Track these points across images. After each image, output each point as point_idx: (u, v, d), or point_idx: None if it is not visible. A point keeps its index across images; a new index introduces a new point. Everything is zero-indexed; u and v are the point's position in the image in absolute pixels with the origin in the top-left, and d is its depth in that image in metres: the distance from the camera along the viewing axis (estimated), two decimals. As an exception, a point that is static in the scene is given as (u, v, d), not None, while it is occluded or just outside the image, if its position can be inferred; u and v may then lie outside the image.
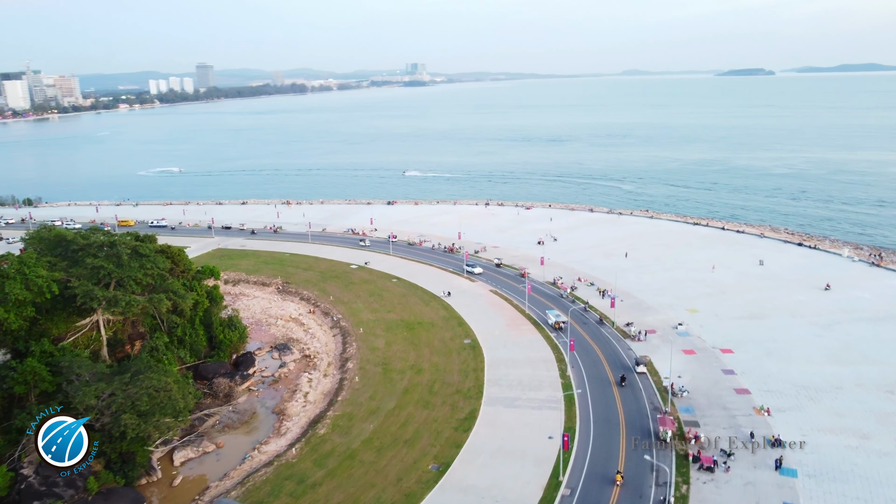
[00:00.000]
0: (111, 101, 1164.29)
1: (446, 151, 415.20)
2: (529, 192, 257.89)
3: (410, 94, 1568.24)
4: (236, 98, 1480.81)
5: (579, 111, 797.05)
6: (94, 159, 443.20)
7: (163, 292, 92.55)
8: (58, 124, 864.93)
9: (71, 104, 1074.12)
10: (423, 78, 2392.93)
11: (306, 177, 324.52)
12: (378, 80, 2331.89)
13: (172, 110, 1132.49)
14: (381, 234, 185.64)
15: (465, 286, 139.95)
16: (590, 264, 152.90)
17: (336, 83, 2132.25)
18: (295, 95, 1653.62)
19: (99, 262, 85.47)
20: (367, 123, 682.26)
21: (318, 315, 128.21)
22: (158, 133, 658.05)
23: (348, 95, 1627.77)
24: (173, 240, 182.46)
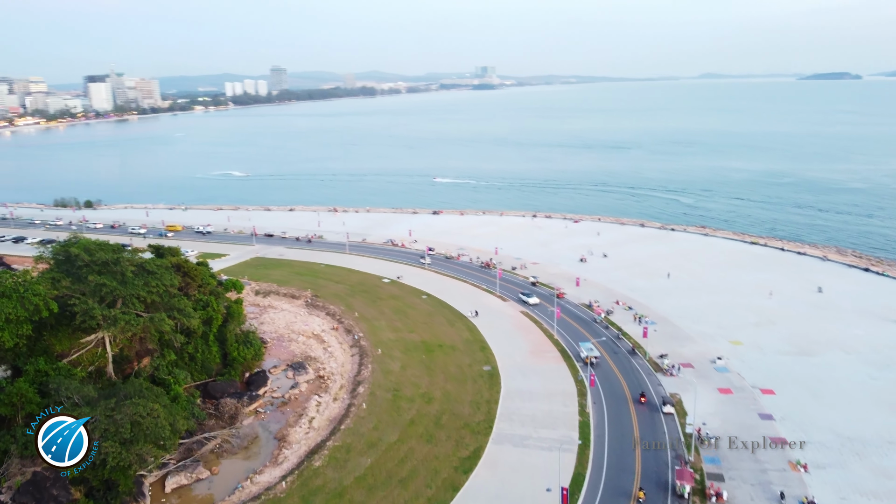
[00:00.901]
0: (187, 104, 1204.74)
1: (501, 158, 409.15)
2: (580, 204, 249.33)
3: (478, 98, 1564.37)
4: (307, 100, 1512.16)
5: (647, 116, 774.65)
6: (160, 161, 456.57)
7: (168, 310, 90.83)
8: (136, 125, 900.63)
9: (150, 106, 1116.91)
10: (492, 81, 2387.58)
11: (359, 182, 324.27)
12: (447, 83, 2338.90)
13: (245, 112, 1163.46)
14: (421, 246, 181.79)
15: (495, 305, 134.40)
16: (630, 285, 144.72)
17: (405, 86, 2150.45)
18: (364, 98, 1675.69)
19: (102, 280, 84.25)
20: (427, 127, 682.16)
21: (340, 332, 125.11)
22: (225, 135, 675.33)
23: (416, 98, 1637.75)
24: (215, 247, 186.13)
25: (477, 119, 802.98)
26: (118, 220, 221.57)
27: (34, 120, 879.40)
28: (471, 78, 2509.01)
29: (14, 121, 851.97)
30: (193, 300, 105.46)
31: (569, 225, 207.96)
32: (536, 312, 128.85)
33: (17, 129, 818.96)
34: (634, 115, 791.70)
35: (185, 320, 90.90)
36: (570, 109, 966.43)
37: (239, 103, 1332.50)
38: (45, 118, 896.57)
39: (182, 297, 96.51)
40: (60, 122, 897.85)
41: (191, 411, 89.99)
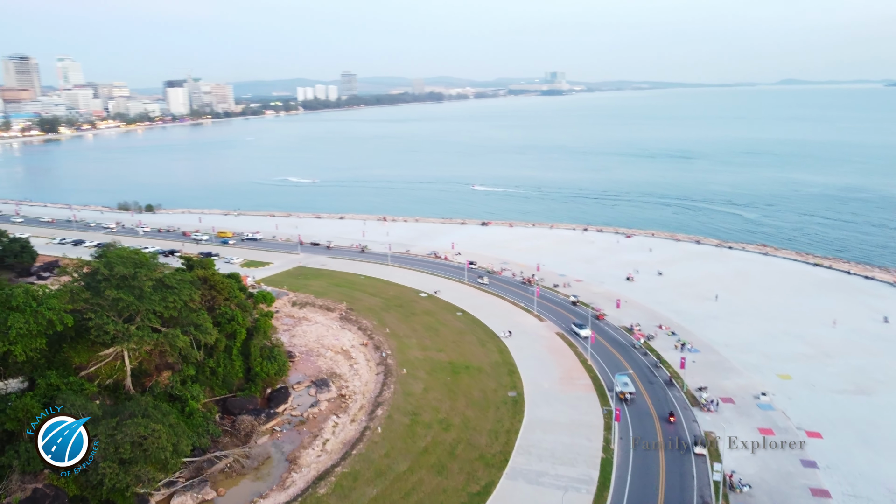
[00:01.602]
0: (259, 108, 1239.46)
1: (560, 167, 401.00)
2: (635, 217, 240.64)
3: (545, 104, 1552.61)
4: (375, 105, 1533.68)
5: (719, 124, 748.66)
6: (224, 165, 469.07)
7: (185, 326, 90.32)
8: (209, 129, 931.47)
9: (223, 110, 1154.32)
10: (562, 87, 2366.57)
11: (412, 190, 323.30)
12: (515, 89, 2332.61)
13: (313, 117, 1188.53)
14: (464, 259, 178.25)
15: (530, 325, 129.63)
16: (676, 308, 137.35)
17: (473, 91, 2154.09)
18: (431, 103, 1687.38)
19: (119, 295, 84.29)
20: (490, 134, 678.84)
21: (369, 348, 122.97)
22: (290, 140, 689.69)
23: (483, 104, 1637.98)
24: (261, 254, 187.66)
25: (541, 126, 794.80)
26: (173, 225, 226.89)
27: (115, 123, 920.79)
28: (540, 83, 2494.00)
29: (96, 124, 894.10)
30: (218, 314, 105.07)
31: (620, 240, 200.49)
32: (578, 339, 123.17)
33: (99, 132, 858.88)
34: (705, 124, 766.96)
35: (201, 336, 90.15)
36: (639, 117, 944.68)
37: (309, 108, 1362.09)
38: (125, 121, 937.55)
39: (203, 311, 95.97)
40: (139, 125, 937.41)
41: (205, 428, 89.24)
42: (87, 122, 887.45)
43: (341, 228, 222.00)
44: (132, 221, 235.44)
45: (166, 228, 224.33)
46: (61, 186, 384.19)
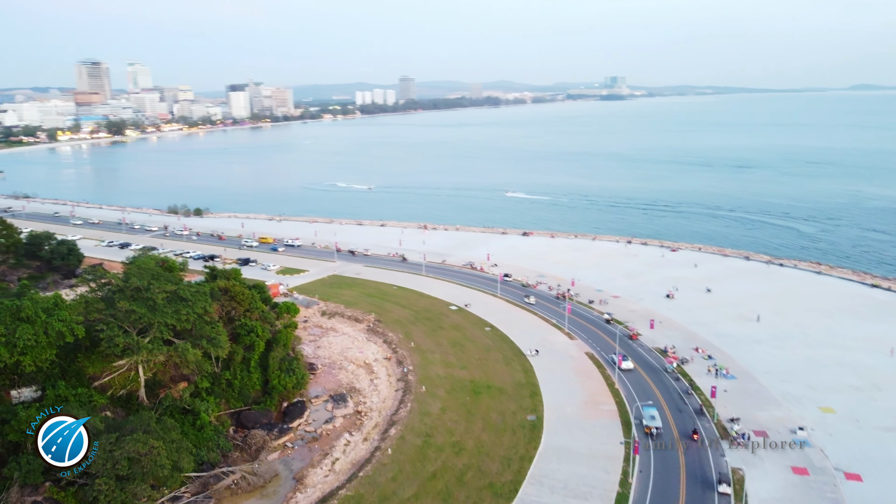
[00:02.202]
0: (317, 112, 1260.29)
1: (610, 174, 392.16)
2: (684, 230, 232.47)
3: (603, 109, 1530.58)
4: (432, 110, 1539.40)
5: (783, 131, 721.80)
6: (277, 169, 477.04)
7: (198, 338, 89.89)
8: (267, 132, 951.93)
9: (283, 114, 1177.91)
10: (622, 91, 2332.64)
11: (456, 198, 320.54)
12: (574, 94, 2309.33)
13: (369, 121, 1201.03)
14: (500, 271, 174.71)
15: (560, 344, 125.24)
16: (716, 329, 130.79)
17: (531, 96, 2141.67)
18: (488, 108, 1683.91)
19: (132, 307, 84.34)
20: (544, 140, 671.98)
21: (392, 363, 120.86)
22: (345, 144, 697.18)
23: (540, 109, 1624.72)
24: (298, 261, 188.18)
25: (597, 132, 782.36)
26: (217, 229, 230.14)
27: (178, 126, 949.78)
28: (599, 88, 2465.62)
29: (160, 126, 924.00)
30: (237, 325, 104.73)
31: (665, 254, 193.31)
32: (603, 355, 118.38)
33: (163, 135, 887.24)
34: (768, 131, 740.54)
35: (213, 349, 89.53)
36: (699, 123, 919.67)
37: (366, 112, 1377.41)
38: (188, 124, 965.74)
39: (218, 324, 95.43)
40: (201, 128, 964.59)
41: (215, 442, 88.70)
42: (151, 125, 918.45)
43: (381, 236, 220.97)
44: (178, 225, 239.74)
45: (209, 233, 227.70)
46: (119, 188, 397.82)
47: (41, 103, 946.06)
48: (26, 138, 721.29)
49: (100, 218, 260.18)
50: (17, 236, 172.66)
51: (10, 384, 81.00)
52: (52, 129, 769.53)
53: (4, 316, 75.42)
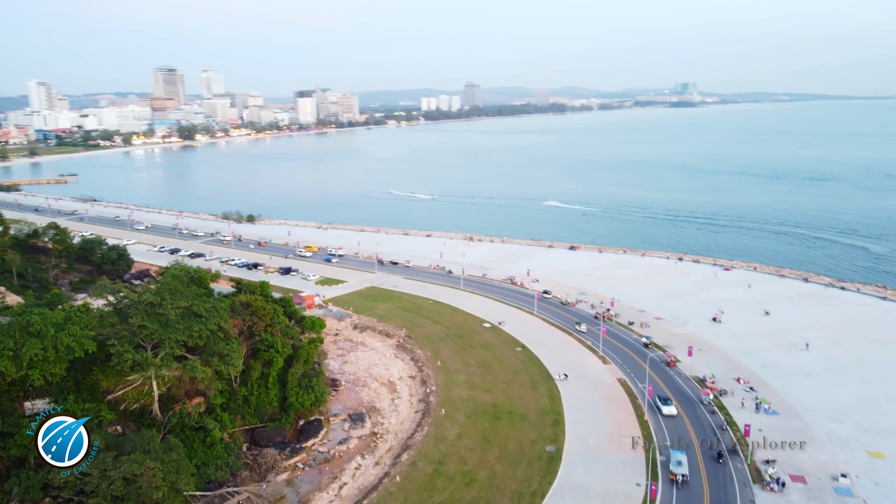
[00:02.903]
0: (382, 118, 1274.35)
1: (672, 186, 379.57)
2: (741, 246, 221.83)
3: (672, 116, 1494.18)
4: (496, 116, 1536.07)
5: (863, 142, 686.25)
6: (335, 175, 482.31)
7: (212, 355, 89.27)
8: (332, 138, 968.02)
9: (348, 120, 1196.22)
10: (693, 98, 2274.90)
11: (509, 208, 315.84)
12: (642, 101, 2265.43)
13: (433, 128, 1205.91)
14: (541, 287, 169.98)
15: (591, 368, 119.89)
16: (762, 358, 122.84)
17: (597, 103, 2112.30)
18: (553, 115, 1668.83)
19: (143, 322, 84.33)
20: (606, 149, 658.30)
21: (416, 382, 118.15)
22: (405, 150, 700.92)
23: (607, 116, 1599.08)
24: (338, 271, 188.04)
25: (663, 140, 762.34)
26: (264, 237, 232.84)
27: (246, 131, 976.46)
28: (669, 95, 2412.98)
29: (229, 132, 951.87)
30: (257, 340, 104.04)
31: (718, 273, 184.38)
32: (636, 383, 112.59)
33: (231, 139, 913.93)
34: (848, 141, 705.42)
35: (223, 367, 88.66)
36: (773, 132, 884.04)
37: (430, 118, 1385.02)
38: (256, 130, 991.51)
39: (233, 340, 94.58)
40: (268, 133, 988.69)
41: (224, 460, 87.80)
42: (221, 130, 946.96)
43: (425, 247, 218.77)
44: (227, 231, 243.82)
45: (258, 240, 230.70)
46: (181, 192, 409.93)
47: (120, 108, 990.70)
48: (103, 142, 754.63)
49: (156, 222, 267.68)
50: (69, 241, 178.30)
51: (25, 396, 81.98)
52: (127, 134, 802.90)
53: (14, 330, 76.21)
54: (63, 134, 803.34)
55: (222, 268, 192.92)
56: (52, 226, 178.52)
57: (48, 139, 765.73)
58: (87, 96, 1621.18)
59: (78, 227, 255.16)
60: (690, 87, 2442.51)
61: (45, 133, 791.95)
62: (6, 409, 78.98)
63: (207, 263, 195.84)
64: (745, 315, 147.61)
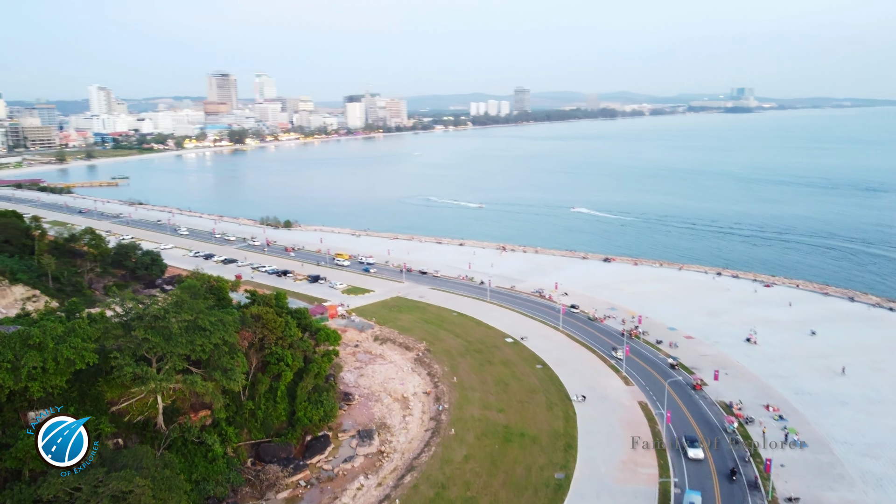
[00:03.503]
0: (429, 123, 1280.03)
1: (718, 196, 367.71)
2: (785, 261, 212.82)
3: (727, 122, 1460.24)
4: (544, 122, 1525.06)
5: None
6: (377, 180, 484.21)
7: (215, 369, 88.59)
8: (379, 143, 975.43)
9: (396, 124, 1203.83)
10: (749, 104, 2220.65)
11: (546, 217, 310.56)
12: (696, 106, 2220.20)
13: (480, 133, 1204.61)
14: (570, 300, 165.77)
15: (612, 389, 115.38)
16: (796, 384, 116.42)
17: (649, 108, 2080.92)
18: (603, 120, 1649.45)
19: (146, 335, 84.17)
20: (652, 155, 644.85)
21: (430, 398, 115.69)
22: (449, 156, 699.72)
23: (658, 122, 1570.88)
24: (366, 280, 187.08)
25: (713, 148, 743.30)
26: (297, 244, 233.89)
27: (295, 136, 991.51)
28: (724, 100, 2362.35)
29: (278, 136, 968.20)
30: (267, 353, 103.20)
31: (758, 289, 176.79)
32: (658, 407, 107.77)
33: (280, 144, 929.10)
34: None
35: (225, 382, 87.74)
36: (832, 139, 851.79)
37: (477, 123, 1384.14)
38: (304, 134, 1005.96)
39: (238, 354, 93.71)
40: (316, 137, 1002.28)
41: (226, 476, 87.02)
42: (270, 134, 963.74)
43: (457, 256, 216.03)
44: (263, 237, 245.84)
45: (285, 246, 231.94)
46: (224, 196, 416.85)
47: (174, 112, 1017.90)
48: (157, 146, 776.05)
49: (196, 226, 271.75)
50: (104, 246, 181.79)
51: (28, 406, 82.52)
52: (180, 137, 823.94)
53: (14, 342, 76.70)
54: (120, 137, 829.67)
55: (252, 274, 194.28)
56: (88, 230, 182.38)
57: (105, 142, 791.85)
58: (147, 100, 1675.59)
59: (121, 230, 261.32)
60: (747, 91, 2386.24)
61: (103, 136, 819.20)
62: (8, 420, 79.59)
63: (239, 269, 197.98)
64: (783, 336, 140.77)
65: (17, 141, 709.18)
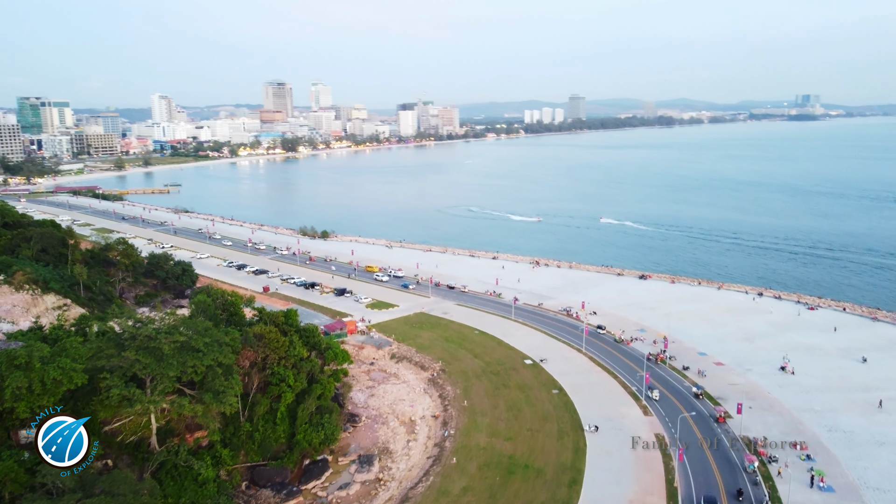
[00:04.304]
0: (481, 131, 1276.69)
1: (774, 209, 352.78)
2: (834, 282, 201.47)
3: (791, 131, 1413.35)
4: (598, 130, 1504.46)
5: None
6: (422, 190, 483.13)
7: (207, 391, 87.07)
8: (430, 151, 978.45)
9: (448, 133, 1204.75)
10: (815, 111, 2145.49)
11: (587, 230, 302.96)
12: (758, 114, 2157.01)
13: (533, 141, 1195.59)
14: (598, 320, 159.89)
15: (629, 419, 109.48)
16: (831, 420, 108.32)
17: (708, 115, 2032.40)
18: (660, 128, 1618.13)
19: (137, 356, 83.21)
20: (707, 166, 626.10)
21: (438, 422, 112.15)
22: (499, 165, 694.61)
23: (717, 130, 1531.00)
24: (392, 294, 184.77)
25: (773, 157, 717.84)
26: (329, 255, 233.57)
27: (347, 143, 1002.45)
28: (788, 107, 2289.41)
29: (331, 144, 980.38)
30: (268, 374, 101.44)
31: (801, 312, 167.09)
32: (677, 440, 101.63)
33: (332, 152, 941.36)
34: None
35: (215, 405, 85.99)
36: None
37: (530, 131, 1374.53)
38: (356, 142, 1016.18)
39: (234, 376, 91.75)
40: (368, 145, 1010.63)
41: (215, 500, 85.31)
42: (322, 142, 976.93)
43: (488, 270, 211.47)
44: (300, 246, 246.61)
45: (317, 256, 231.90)
46: (269, 204, 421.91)
47: (231, 121, 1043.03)
48: (212, 153, 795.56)
49: (235, 235, 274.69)
50: (136, 256, 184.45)
51: (20, 425, 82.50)
52: (235, 145, 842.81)
53: (0, 363, 76.57)
54: (178, 145, 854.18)
55: (282, 286, 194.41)
56: (121, 241, 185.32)
57: (164, 149, 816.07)
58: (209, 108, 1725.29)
59: (163, 238, 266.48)
60: (812, 98, 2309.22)
61: (162, 144, 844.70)
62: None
63: (269, 280, 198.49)
64: (823, 365, 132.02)
65: (81, 148, 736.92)
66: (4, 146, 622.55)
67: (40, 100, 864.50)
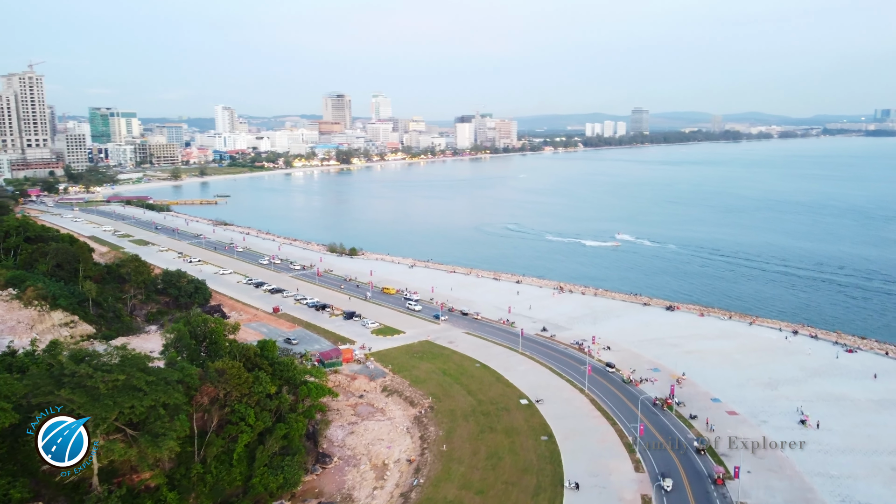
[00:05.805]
0: (538, 144, 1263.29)
1: (833, 236, 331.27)
2: (883, 320, 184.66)
3: (868, 147, 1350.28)
4: (661, 144, 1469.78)
5: None
6: (466, 206, 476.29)
7: (146, 433, 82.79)
8: (485, 164, 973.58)
9: (504, 145, 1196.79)
10: (895, 127, 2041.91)
11: (623, 254, 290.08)
12: (832, 129, 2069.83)
13: (591, 155, 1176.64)
14: (609, 357, 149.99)
15: (618, 475, 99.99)
16: (849, 489, 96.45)
17: (778, 130, 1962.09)
18: (725, 143, 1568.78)
19: (70, 395, 79.56)
20: (770, 185, 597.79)
21: (411, 468, 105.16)
22: (551, 181, 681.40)
23: (787, 146, 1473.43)
24: (402, 319, 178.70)
25: (843, 177, 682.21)
26: (349, 274, 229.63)
27: (402, 156, 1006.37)
28: (866, 122, 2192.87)
29: (385, 156, 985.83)
30: (227, 412, 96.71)
31: (839, 354, 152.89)
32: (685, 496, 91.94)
33: (386, 164, 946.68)
34: None
35: (150, 449, 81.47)
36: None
37: (589, 145, 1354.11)
38: (411, 154, 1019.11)
39: (180, 416, 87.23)
40: (422, 158, 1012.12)
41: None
42: (377, 154, 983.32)
43: (508, 296, 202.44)
44: (324, 264, 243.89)
45: (343, 276, 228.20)
46: (308, 218, 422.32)
47: (290, 132, 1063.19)
48: (268, 164, 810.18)
49: (265, 250, 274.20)
50: (148, 273, 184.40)
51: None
52: (290, 156, 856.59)
53: (-76, 399, 74.14)
54: (236, 155, 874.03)
55: (294, 306, 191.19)
56: (134, 258, 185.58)
57: (223, 160, 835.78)
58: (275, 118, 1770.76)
59: (194, 251, 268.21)
60: (893, 113, 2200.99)
61: (221, 154, 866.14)
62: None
63: (282, 300, 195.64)
64: (851, 420, 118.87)
65: (144, 157, 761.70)
66: (71, 155, 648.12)
67: (110, 110, 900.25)
